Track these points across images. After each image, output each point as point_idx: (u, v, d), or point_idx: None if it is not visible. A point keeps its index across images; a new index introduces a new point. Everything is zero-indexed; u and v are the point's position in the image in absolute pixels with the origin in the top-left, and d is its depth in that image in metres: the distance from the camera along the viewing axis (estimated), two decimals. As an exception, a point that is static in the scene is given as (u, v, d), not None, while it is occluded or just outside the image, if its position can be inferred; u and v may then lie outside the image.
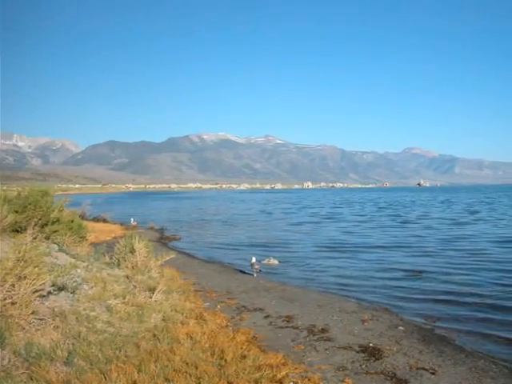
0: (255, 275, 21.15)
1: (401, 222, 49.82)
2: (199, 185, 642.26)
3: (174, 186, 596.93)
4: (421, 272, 21.30)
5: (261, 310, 14.95)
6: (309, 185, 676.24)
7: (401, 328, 12.86)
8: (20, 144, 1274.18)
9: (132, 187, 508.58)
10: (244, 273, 22.13)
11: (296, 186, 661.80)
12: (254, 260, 21.25)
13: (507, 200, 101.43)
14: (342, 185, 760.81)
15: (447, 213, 64.60)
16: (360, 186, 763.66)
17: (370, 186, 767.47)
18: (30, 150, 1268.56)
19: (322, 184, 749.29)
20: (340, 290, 18.22)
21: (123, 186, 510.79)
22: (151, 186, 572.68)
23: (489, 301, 16.04)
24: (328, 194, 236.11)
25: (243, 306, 15.38)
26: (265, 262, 24.13)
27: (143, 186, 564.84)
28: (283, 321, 13.59)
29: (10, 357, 8.01)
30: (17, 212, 16.09)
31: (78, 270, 13.42)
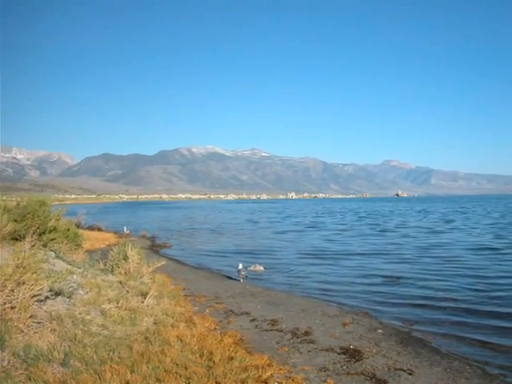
0: (242, 281, 21.15)
1: (380, 231, 49.91)
2: (189, 195, 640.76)
3: (164, 196, 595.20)
4: (399, 278, 21.39)
5: (247, 313, 14.95)
6: (293, 195, 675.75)
7: (380, 331, 12.91)
8: (19, 157, 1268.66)
9: (125, 197, 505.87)
10: (231, 278, 22.13)
11: (280, 197, 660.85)
12: (240, 266, 21.26)
13: (480, 210, 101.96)
14: (324, 195, 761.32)
15: (424, 222, 64.78)
16: (341, 196, 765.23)
17: (351, 196, 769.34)
18: (28, 163, 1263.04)
19: (305, 194, 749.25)
20: (322, 295, 18.27)
21: (117, 197, 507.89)
22: (143, 196, 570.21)
23: (463, 305, 16.15)
24: (311, 204, 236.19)
25: (230, 310, 15.36)
26: (251, 268, 24.13)
27: (136, 196, 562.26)
28: (268, 324, 13.60)
29: (9, 358, 8.00)
30: (16, 221, 16.03)
31: (74, 276, 13.40)
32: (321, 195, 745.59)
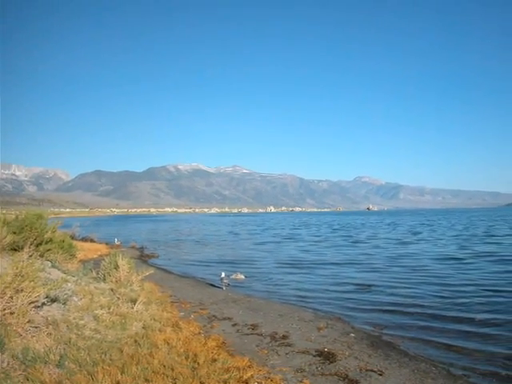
0: (224, 288, 21.15)
1: (352, 242, 50.00)
2: (175, 209, 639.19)
3: (153, 210, 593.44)
4: (370, 286, 21.49)
5: (229, 319, 14.98)
6: (271, 209, 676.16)
7: (352, 335, 12.99)
8: (17, 173, 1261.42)
9: (116, 211, 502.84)
10: (214, 286, 22.11)
11: (260, 210, 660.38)
12: (223, 275, 21.29)
13: (445, 222, 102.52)
14: (300, 209, 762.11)
15: (393, 234, 65.00)
16: (316, 210, 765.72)
17: (325, 210, 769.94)
18: (26, 179, 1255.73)
19: (283, 208, 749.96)
20: (299, 302, 18.33)
21: (108, 210, 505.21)
22: (133, 210, 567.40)
23: (429, 311, 16.29)
24: (288, 217, 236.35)
25: (214, 316, 15.39)
26: (233, 276, 24.13)
27: (126, 210, 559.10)
28: (249, 328, 13.65)
29: (8, 360, 7.98)
30: (15, 233, 15.99)
31: (69, 284, 13.35)
32: (297, 209, 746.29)
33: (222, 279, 21.34)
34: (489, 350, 11.95)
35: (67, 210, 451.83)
